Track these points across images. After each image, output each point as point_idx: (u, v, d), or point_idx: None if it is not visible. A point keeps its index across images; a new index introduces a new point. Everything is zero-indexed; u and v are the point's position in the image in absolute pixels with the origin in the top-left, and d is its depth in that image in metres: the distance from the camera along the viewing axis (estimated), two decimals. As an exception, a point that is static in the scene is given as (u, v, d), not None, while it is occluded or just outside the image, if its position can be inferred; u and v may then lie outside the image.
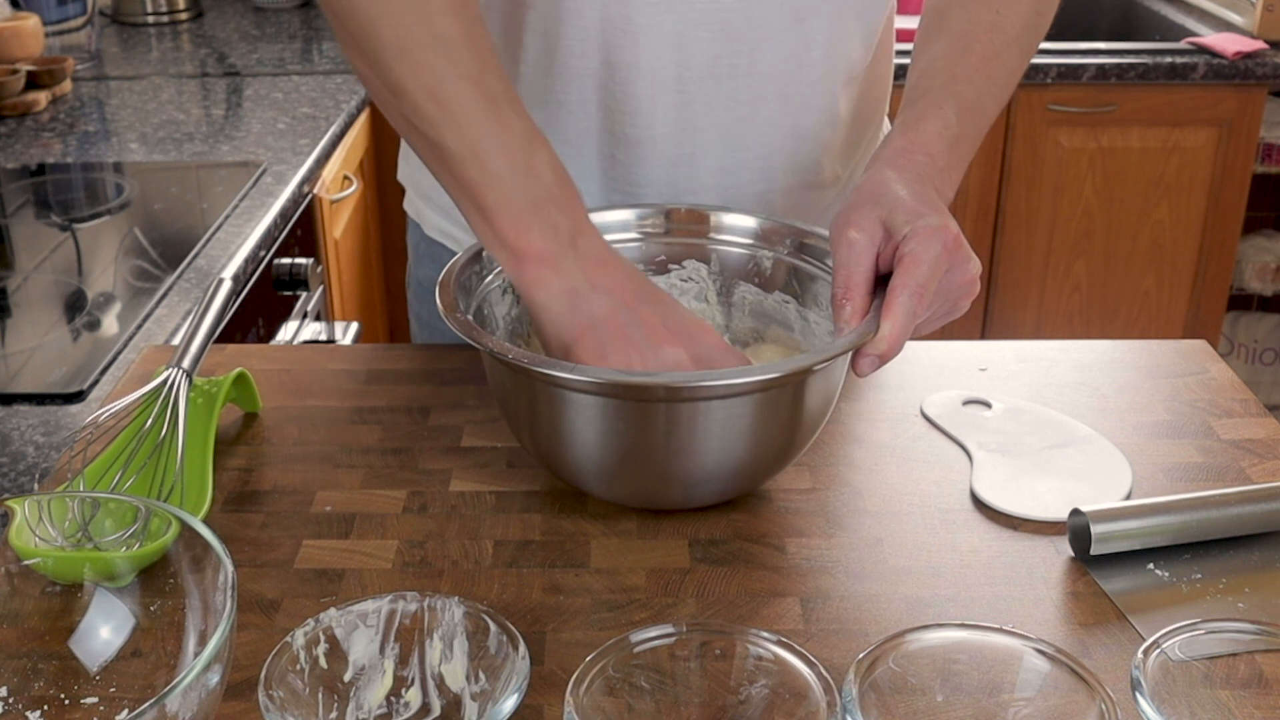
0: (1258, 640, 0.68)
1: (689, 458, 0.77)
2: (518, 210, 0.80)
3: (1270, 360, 2.76)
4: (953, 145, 0.87)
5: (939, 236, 0.78)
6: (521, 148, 0.81)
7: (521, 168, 0.80)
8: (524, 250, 0.80)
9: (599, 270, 0.81)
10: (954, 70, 0.90)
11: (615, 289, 0.81)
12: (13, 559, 0.67)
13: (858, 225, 0.80)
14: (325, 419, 0.93)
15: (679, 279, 0.95)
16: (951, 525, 0.82)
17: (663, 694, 0.64)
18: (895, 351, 0.77)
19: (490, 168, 0.80)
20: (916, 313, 0.76)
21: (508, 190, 0.80)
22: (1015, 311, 2.46)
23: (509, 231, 0.80)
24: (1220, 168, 2.37)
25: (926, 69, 0.91)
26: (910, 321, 0.76)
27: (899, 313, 0.76)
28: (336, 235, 1.89)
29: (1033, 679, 0.64)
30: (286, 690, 0.62)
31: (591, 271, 0.81)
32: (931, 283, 0.77)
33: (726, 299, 0.94)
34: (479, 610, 0.66)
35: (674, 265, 0.94)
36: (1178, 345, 1.04)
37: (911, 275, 0.77)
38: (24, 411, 1.06)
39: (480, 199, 0.81)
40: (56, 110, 1.96)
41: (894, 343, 0.76)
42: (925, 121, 0.87)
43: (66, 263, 1.43)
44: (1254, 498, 0.80)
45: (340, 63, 2.23)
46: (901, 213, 0.79)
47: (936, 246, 0.77)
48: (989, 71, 0.91)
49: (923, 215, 0.79)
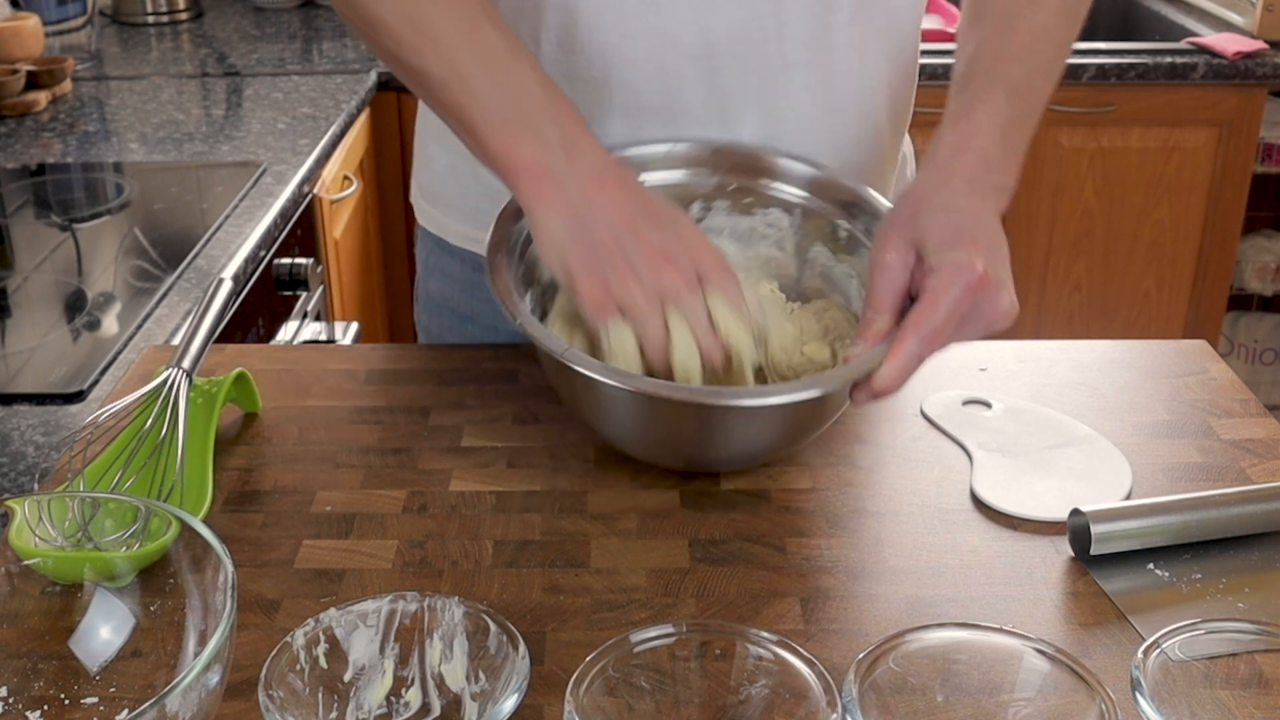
0: (1258, 640, 0.68)
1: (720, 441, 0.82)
2: (505, 124, 0.80)
3: (1270, 360, 2.76)
4: (1005, 132, 0.86)
5: (962, 276, 0.77)
6: (502, 62, 0.80)
7: (504, 81, 0.80)
8: (516, 163, 0.80)
9: (598, 187, 0.80)
10: (1000, 52, 0.89)
11: (615, 209, 0.80)
12: (13, 559, 0.67)
13: (894, 247, 0.80)
14: (325, 419, 0.93)
15: (762, 223, 0.95)
16: (951, 525, 0.82)
17: (663, 694, 0.64)
18: (893, 390, 0.77)
19: (473, 85, 0.80)
20: (922, 355, 0.77)
21: (492, 105, 0.80)
22: (1015, 311, 2.46)
23: (498, 146, 0.80)
24: (1220, 168, 2.37)
25: (973, 55, 0.90)
26: (913, 364, 0.77)
27: (901, 356, 0.77)
28: (336, 235, 1.89)
29: (1033, 679, 0.64)
30: (286, 690, 0.62)
31: (590, 188, 0.80)
32: (947, 324, 0.77)
33: (802, 255, 0.95)
34: (479, 610, 0.66)
35: (759, 210, 0.95)
36: (1178, 345, 1.04)
37: (925, 317, 0.77)
38: (24, 411, 1.06)
39: (467, 118, 0.81)
40: (56, 110, 1.96)
41: (891, 384, 0.77)
42: (975, 111, 0.86)
43: (66, 263, 1.43)
44: (1254, 498, 0.80)
45: (340, 63, 2.23)
46: (933, 240, 0.79)
47: (958, 287, 0.77)
48: (1036, 48, 0.89)
49: (952, 248, 0.78)
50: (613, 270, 0.78)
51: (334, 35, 2.43)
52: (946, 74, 0.93)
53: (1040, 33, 0.90)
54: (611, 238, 0.79)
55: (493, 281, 0.83)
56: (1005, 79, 0.87)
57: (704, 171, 0.95)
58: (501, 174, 0.81)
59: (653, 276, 0.79)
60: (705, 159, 0.95)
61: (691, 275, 0.80)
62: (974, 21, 0.93)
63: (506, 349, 1.02)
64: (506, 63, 0.80)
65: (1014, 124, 0.86)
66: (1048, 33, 0.90)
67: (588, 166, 0.81)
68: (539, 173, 0.79)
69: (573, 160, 0.80)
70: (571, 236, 0.79)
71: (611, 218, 0.79)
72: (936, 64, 2.21)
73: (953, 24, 2.43)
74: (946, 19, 2.47)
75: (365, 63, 2.22)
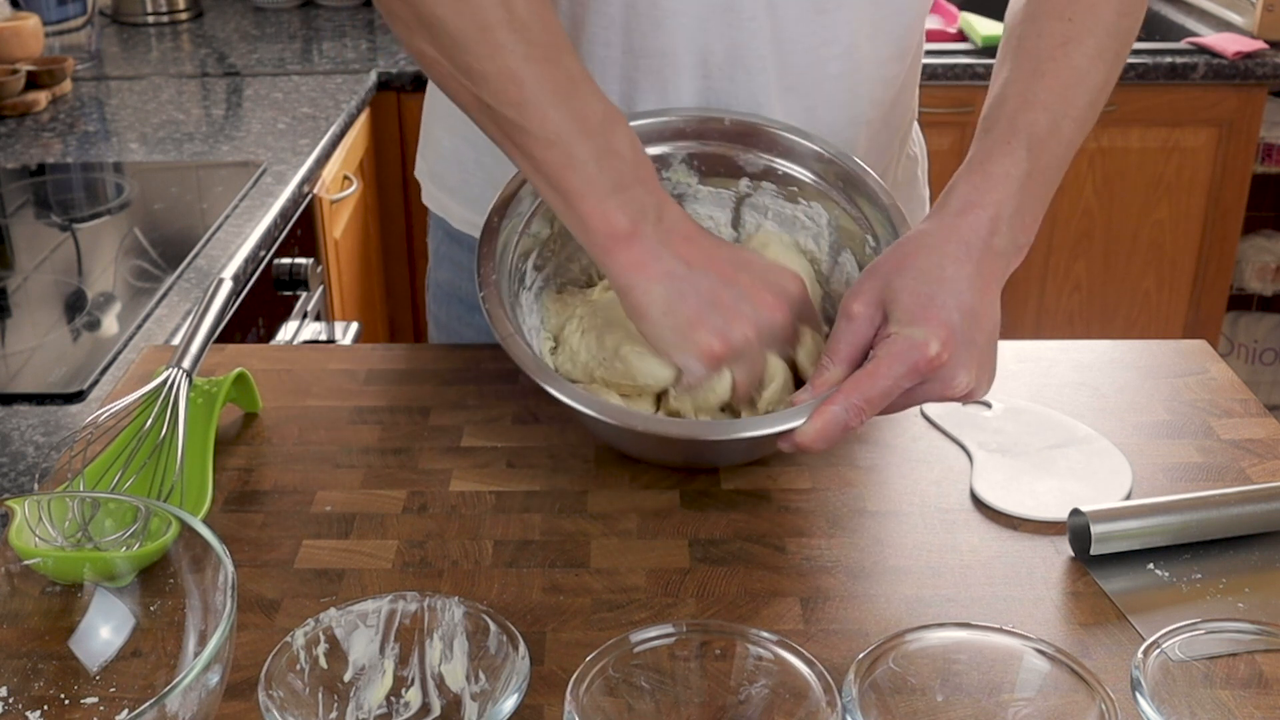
0: (1258, 640, 0.68)
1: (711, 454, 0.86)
2: (602, 193, 0.80)
3: (1270, 360, 2.76)
4: (1023, 185, 0.81)
5: (911, 355, 0.76)
6: (602, 129, 0.81)
7: (602, 150, 0.80)
8: (612, 233, 0.80)
9: (687, 246, 0.81)
10: (1025, 97, 0.84)
11: (711, 264, 0.81)
12: (13, 559, 0.67)
13: (863, 300, 0.79)
14: (325, 419, 0.93)
15: (804, 214, 0.95)
16: (951, 525, 0.82)
17: (663, 694, 0.64)
18: (814, 449, 0.77)
19: (573, 152, 0.80)
20: (849, 424, 0.76)
21: (591, 174, 0.80)
22: (1015, 311, 2.46)
23: (594, 215, 0.80)
24: (1220, 168, 2.37)
25: (998, 97, 0.85)
26: (837, 430, 0.76)
27: (827, 420, 0.76)
28: (336, 235, 1.89)
29: (1033, 679, 0.64)
30: (286, 690, 0.62)
31: (681, 249, 0.81)
32: (883, 398, 0.76)
33: (835, 255, 0.95)
34: (479, 610, 0.66)
35: (803, 200, 0.94)
36: (1178, 345, 1.04)
37: (861, 387, 0.76)
38: (24, 411, 1.06)
39: (563, 183, 0.80)
40: (56, 110, 1.96)
41: (811, 443, 0.76)
42: (992, 161, 0.82)
43: (66, 263, 1.43)
44: (1254, 498, 0.80)
45: (340, 63, 2.23)
46: (900, 308, 0.77)
47: (903, 366, 0.75)
48: (1066, 94, 0.84)
49: (914, 322, 0.76)
50: (727, 321, 0.79)
51: (334, 35, 2.44)
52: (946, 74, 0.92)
53: (1072, 77, 0.84)
54: (717, 290, 0.80)
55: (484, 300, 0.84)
56: (1029, 127, 0.82)
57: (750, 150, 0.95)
58: (588, 238, 0.81)
59: (768, 317, 0.81)
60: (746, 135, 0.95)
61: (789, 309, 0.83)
62: (1006, 56, 0.88)
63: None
64: (605, 131, 0.81)
65: (1034, 177, 0.82)
66: (1081, 77, 0.85)
67: (677, 230, 0.82)
68: (633, 241, 0.80)
69: (662, 226, 0.81)
70: (678, 295, 0.80)
71: (712, 274, 0.81)
72: (937, 64, 2.21)
73: (953, 24, 2.43)
74: (946, 19, 2.47)
75: (365, 63, 2.22)
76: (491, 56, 0.79)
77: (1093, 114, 0.87)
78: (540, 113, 0.79)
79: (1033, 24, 0.87)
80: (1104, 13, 0.86)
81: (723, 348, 0.79)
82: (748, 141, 0.94)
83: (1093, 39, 0.85)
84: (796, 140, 0.94)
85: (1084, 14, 0.86)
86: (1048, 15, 0.86)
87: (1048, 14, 0.86)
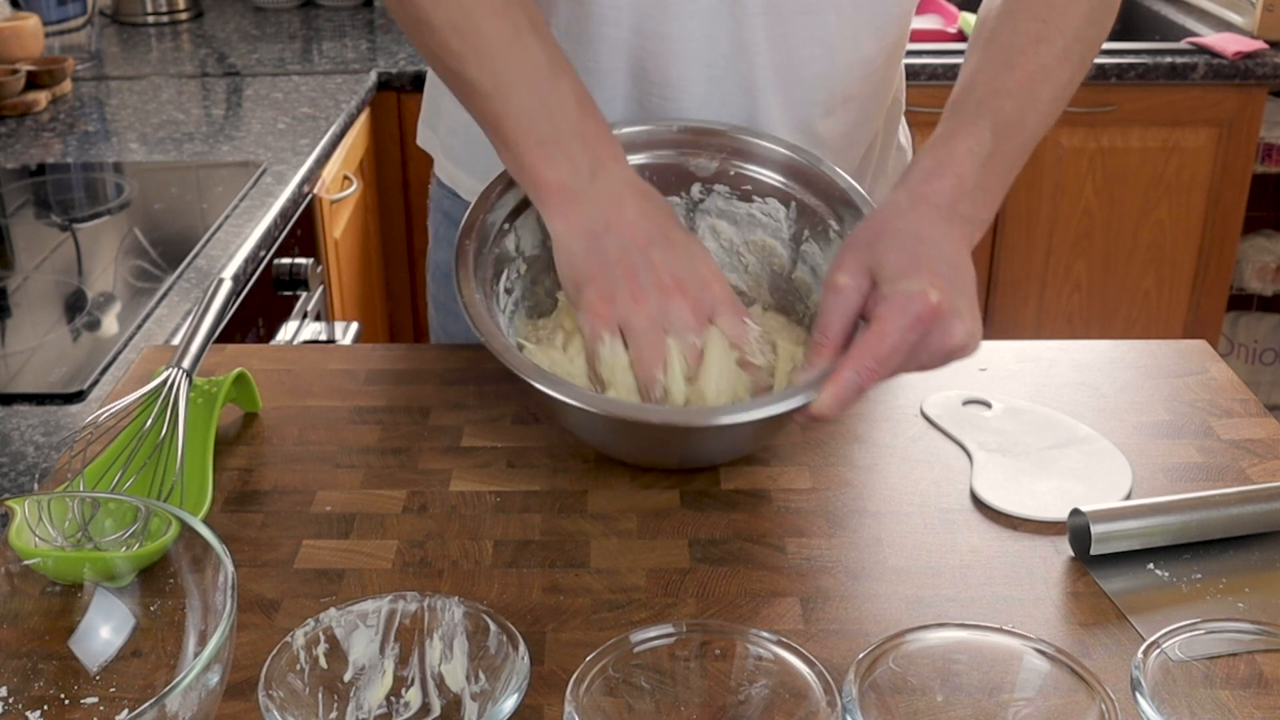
0: (1258, 640, 0.68)
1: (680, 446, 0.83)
2: (537, 142, 0.82)
3: (1270, 360, 2.76)
4: (986, 163, 0.84)
5: (913, 306, 0.76)
6: (544, 79, 0.83)
7: (542, 100, 0.82)
8: (542, 180, 0.82)
9: (615, 209, 0.83)
10: (994, 85, 0.87)
11: (632, 231, 0.83)
12: (13, 559, 0.67)
13: (848, 270, 0.80)
14: (325, 419, 0.93)
15: (760, 211, 0.95)
16: (951, 525, 0.82)
17: (663, 694, 0.64)
18: (830, 417, 0.77)
19: (512, 99, 0.82)
20: (863, 386, 0.76)
21: (528, 123, 0.82)
22: (1015, 311, 2.46)
23: (529, 163, 0.83)
24: (1220, 168, 2.37)
25: (967, 84, 0.89)
26: (851, 393, 0.76)
27: (840, 385, 0.76)
28: (336, 235, 1.89)
29: (1033, 679, 0.64)
30: (286, 690, 0.62)
31: (608, 210, 0.83)
32: (893, 356, 0.76)
33: (796, 246, 0.95)
34: (479, 610, 0.66)
35: (757, 197, 0.95)
36: (1178, 345, 1.04)
37: (869, 347, 0.76)
38: (24, 411, 1.06)
39: (503, 131, 0.83)
40: (56, 110, 1.96)
41: (828, 412, 0.77)
42: (957, 139, 0.85)
43: (66, 263, 1.43)
44: (1254, 498, 0.80)
45: (340, 63, 2.23)
46: (888, 267, 0.78)
47: (907, 318, 0.76)
48: (1033, 87, 0.87)
49: (906, 277, 0.77)
50: (621, 289, 0.81)
51: (334, 35, 2.43)
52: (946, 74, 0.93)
53: (1039, 72, 0.88)
54: (622, 256, 0.81)
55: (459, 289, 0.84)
56: (995, 112, 0.86)
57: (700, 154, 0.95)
58: (528, 189, 0.84)
59: (660, 302, 0.81)
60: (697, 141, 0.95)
61: (699, 305, 0.83)
62: (976, 48, 0.92)
63: (506, 349, 1.02)
64: (547, 80, 0.83)
65: (996, 159, 0.85)
66: (1047, 73, 0.88)
67: (611, 188, 0.83)
68: (564, 192, 0.82)
69: (597, 182, 0.83)
70: (587, 253, 0.82)
71: (627, 239, 0.82)
72: (937, 64, 2.21)
73: (952, 24, 2.43)
74: (946, 19, 2.47)
75: (365, 63, 2.22)
76: (440, 7, 0.82)
77: (1055, 110, 0.90)
78: (480, 63, 0.82)
79: (1008, 19, 0.91)
80: (1075, 17, 0.90)
81: (605, 312, 0.81)
82: (697, 146, 0.95)
83: (1062, 40, 0.89)
84: (747, 139, 0.95)
85: (1056, 16, 0.90)
86: (1022, 14, 0.90)
87: (1022, 12, 0.90)
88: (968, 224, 0.83)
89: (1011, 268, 2.44)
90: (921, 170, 0.84)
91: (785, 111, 1.00)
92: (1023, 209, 2.39)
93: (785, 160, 0.95)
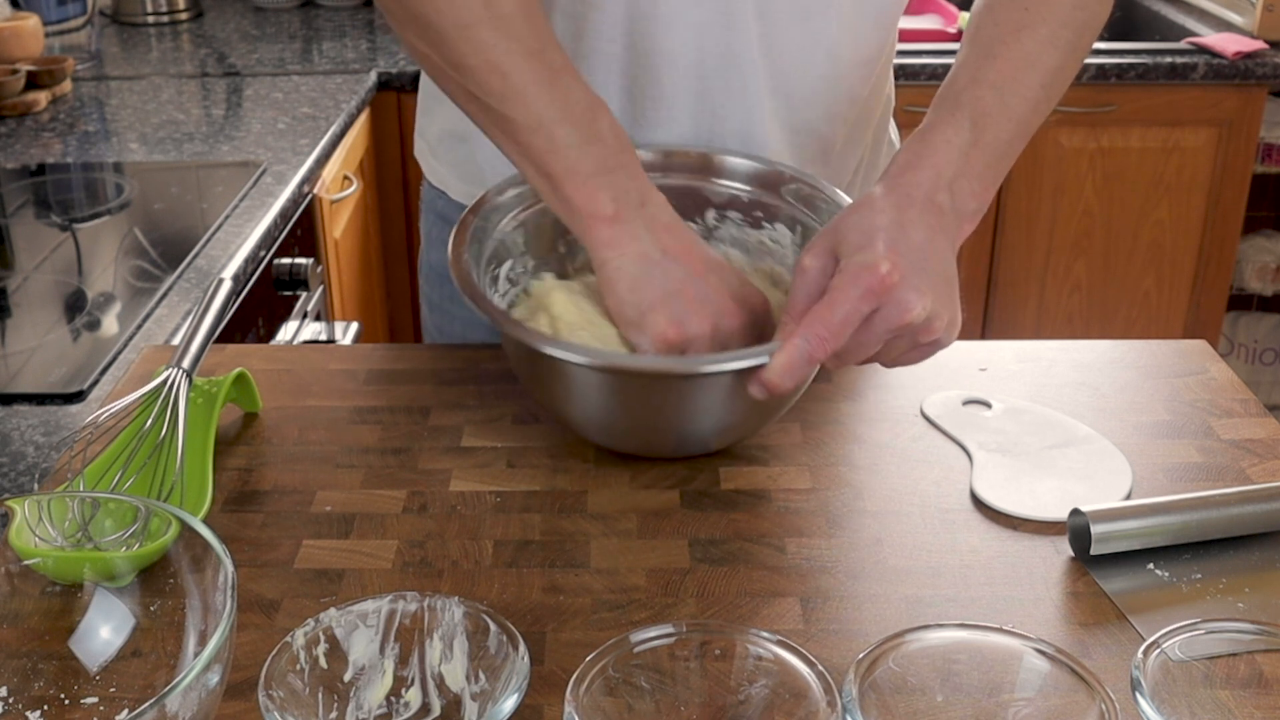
0: (1258, 640, 0.68)
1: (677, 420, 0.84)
2: (585, 176, 0.83)
3: (1270, 360, 2.76)
4: (965, 154, 0.84)
5: (865, 276, 0.76)
6: (585, 115, 0.83)
7: (586, 135, 0.83)
8: (595, 213, 0.83)
9: (667, 235, 0.84)
10: (975, 77, 0.87)
11: (685, 256, 0.84)
12: (13, 559, 0.67)
13: (814, 253, 0.81)
14: (325, 419, 0.93)
15: (769, 237, 0.97)
16: (951, 525, 0.82)
17: (663, 694, 0.64)
18: (782, 384, 0.77)
19: (557, 136, 0.82)
20: (814, 355, 0.77)
21: (575, 157, 0.83)
22: (1015, 311, 2.46)
23: (578, 197, 0.83)
24: (1220, 168, 2.37)
25: (950, 78, 0.89)
26: (802, 363, 0.77)
27: (790, 352, 0.77)
28: (336, 235, 1.89)
29: (1033, 679, 0.64)
30: (286, 690, 0.62)
31: (661, 236, 0.84)
32: (845, 326, 0.76)
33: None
34: (479, 610, 0.66)
35: (766, 224, 0.97)
36: (1178, 345, 1.04)
37: (819, 316, 0.76)
38: (24, 411, 1.06)
39: (548, 166, 0.83)
40: (56, 110, 1.96)
41: (778, 379, 0.77)
42: (933, 131, 0.85)
43: (66, 263, 1.43)
44: (1254, 498, 0.80)
45: (340, 63, 2.23)
46: (847, 244, 0.79)
47: (857, 289, 0.76)
48: (1016, 75, 0.87)
49: (861, 250, 0.77)
50: (686, 312, 0.82)
51: (334, 35, 2.44)
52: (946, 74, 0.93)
53: (1023, 61, 0.88)
54: (684, 282, 0.83)
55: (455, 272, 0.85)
56: (975, 103, 0.86)
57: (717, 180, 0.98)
58: (573, 220, 0.84)
59: (726, 320, 0.84)
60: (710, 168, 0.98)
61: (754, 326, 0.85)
62: (963, 44, 0.92)
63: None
64: (588, 118, 0.84)
65: (978, 149, 0.84)
66: (1032, 61, 0.88)
67: (659, 219, 0.84)
68: (616, 222, 0.83)
69: (645, 212, 0.84)
70: (646, 276, 0.83)
71: (684, 265, 0.84)
72: (937, 64, 2.21)
73: (952, 24, 2.43)
74: (946, 19, 2.47)
75: (365, 63, 2.22)
76: (475, 52, 0.83)
77: (1048, 96, 0.89)
78: (524, 101, 0.82)
79: (990, 13, 0.91)
80: (1059, 4, 0.90)
81: (676, 335, 0.82)
82: (709, 173, 0.97)
83: (1046, 27, 0.89)
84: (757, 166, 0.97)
85: (1039, 4, 0.90)
86: (1005, 5, 0.90)
87: (1005, 4, 0.90)
88: (946, 214, 0.83)
89: (1011, 268, 2.44)
90: (899, 164, 0.84)
91: (780, 118, 1.00)
92: (1023, 209, 2.39)
93: (793, 185, 0.96)
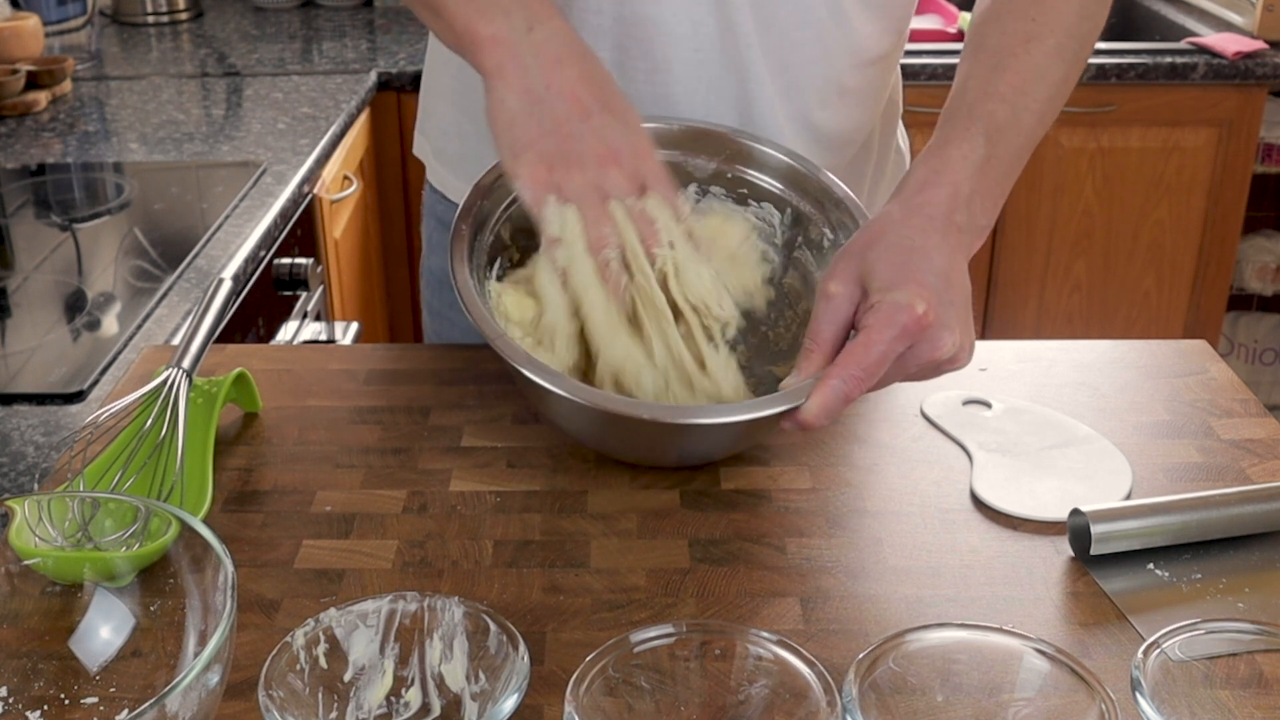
0: (1258, 640, 0.68)
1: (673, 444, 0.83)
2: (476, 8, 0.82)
3: (1270, 360, 2.76)
4: (981, 169, 0.83)
5: (900, 317, 0.76)
6: None
7: None
8: (477, 35, 0.82)
9: (554, 68, 0.82)
10: (986, 90, 0.86)
11: (571, 93, 0.82)
12: (13, 559, 0.67)
13: (840, 279, 0.80)
14: (325, 419, 0.93)
15: (755, 215, 0.95)
16: (951, 525, 0.82)
17: (663, 694, 0.64)
18: (817, 425, 0.77)
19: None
20: (849, 395, 0.76)
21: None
22: (1015, 311, 2.46)
23: (462, 20, 0.82)
24: (1220, 168, 2.37)
25: (958, 90, 0.88)
26: (838, 403, 0.76)
27: (827, 394, 0.76)
28: (336, 235, 1.89)
29: (1033, 679, 0.64)
30: (286, 690, 0.62)
31: (549, 69, 0.82)
32: (880, 365, 0.76)
33: (789, 252, 0.95)
34: (479, 610, 0.66)
35: (753, 201, 0.95)
36: (1178, 345, 1.04)
37: (856, 357, 0.76)
38: (24, 411, 1.06)
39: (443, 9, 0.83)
40: (56, 110, 1.96)
41: (814, 420, 0.76)
42: (950, 146, 0.84)
43: (66, 263, 1.43)
44: (1254, 498, 0.80)
45: (340, 63, 2.23)
46: (879, 278, 0.78)
47: (894, 329, 0.76)
48: (1026, 88, 0.87)
49: (895, 287, 0.77)
50: (559, 157, 0.80)
51: (334, 35, 2.44)
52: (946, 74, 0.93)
53: (1032, 73, 0.87)
54: (563, 121, 0.81)
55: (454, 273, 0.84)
56: (988, 118, 0.85)
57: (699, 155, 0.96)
58: (466, 51, 0.83)
59: (598, 170, 0.81)
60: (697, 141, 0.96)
61: (634, 176, 0.83)
62: (968, 54, 0.91)
63: (506, 349, 1.02)
64: None
65: (991, 163, 0.84)
66: (1040, 73, 0.88)
67: (550, 46, 0.82)
68: (500, 48, 0.81)
69: (534, 35, 0.82)
70: (524, 113, 0.81)
71: (567, 101, 0.81)
72: (937, 64, 2.21)
73: (953, 24, 2.43)
74: (946, 19, 2.47)
75: (365, 63, 2.22)
76: None
77: (1053, 108, 0.89)
78: None
79: (996, 23, 0.90)
80: (1066, 14, 0.89)
81: (544, 178, 0.81)
82: (697, 147, 0.95)
83: (1053, 38, 0.89)
84: (748, 143, 0.95)
85: (1046, 14, 0.89)
86: (1011, 14, 0.90)
87: (1011, 13, 0.90)
88: (964, 233, 0.82)
89: (1011, 268, 2.44)
90: (915, 181, 0.83)
91: (780, 99, 0.99)
92: (1023, 209, 2.39)
93: (784, 167, 0.95)
